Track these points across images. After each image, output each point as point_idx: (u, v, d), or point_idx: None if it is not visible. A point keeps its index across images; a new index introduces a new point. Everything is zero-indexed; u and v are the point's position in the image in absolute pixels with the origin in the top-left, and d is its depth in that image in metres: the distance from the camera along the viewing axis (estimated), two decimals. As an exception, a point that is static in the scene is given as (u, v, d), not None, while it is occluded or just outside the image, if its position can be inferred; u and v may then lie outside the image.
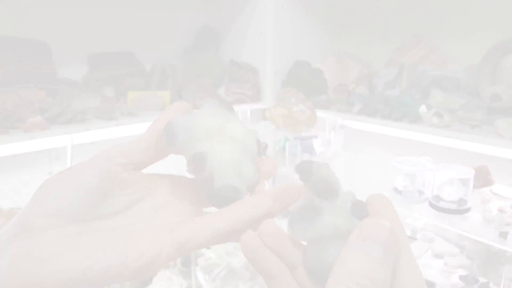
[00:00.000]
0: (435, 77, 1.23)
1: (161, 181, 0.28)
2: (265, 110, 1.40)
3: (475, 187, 1.03)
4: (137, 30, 1.40)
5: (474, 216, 0.98)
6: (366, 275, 0.18)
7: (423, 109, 1.14)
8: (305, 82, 1.41)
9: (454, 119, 1.10)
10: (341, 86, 1.44)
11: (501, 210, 0.99)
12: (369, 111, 1.24)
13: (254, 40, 1.46)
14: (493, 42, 1.15)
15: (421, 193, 1.07)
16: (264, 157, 0.28)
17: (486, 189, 1.08)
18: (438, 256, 1.15)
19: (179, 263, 1.28)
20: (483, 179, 1.07)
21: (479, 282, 1.05)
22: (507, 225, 0.93)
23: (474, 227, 0.96)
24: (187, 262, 1.27)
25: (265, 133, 1.36)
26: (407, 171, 1.06)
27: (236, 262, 1.22)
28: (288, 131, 1.32)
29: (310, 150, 1.29)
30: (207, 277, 1.21)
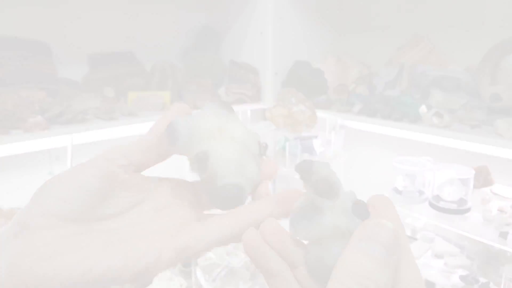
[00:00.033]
0: (435, 77, 1.23)
1: (161, 184, 0.28)
2: (265, 110, 1.40)
3: (475, 187, 1.03)
4: (137, 30, 1.40)
5: (474, 216, 0.98)
6: (367, 275, 0.18)
7: (423, 109, 1.14)
8: (305, 82, 1.41)
9: (454, 119, 1.10)
10: (341, 86, 1.44)
11: (501, 210, 0.99)
12: (369, 111, 1.24)
13: (254, 40, 1.46)
14: (493, 42, 1.15)
15: (421, 193, 1.07)
16: (265, 157, 0.28)
17: (486, 189, 1.08)
18: (438, 256, 1.15)
19: (180, 263, 1.28)
20: (483, 179, 1.07)
21: (479, 282, 1.05)
22: (507, 225, 0.93)
23: (474, 227, 0.96)
24: (187, 262, 1.27)
25: (265, 133, 1.36)
26: (407, 171, 1.06)
27: (236, 262, 1.22)
28: (288, 131, 1.32)
29: (310, 150, 1.29)
30: (207, 277, 1.21)
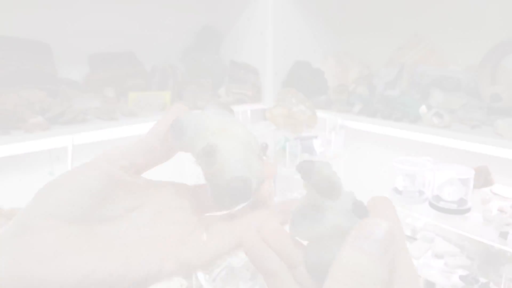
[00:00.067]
0: (435, 77, 1.23)
1: (161, 187, 0.28)
2: (265, 110, 1.40)
3: (475, 187, 1.02)
4: (138, 30, 1.40)
5: (474, 216, 0.98)
6: (364, 272, 0.18)
7: (423, 109, 1.14)
8: (305, 82, 1.41)
9: (454, 119, 1.10)
10: (341, 86, 1.44)
11: (501, 210, 0.99)
12: (369, 111, 1.24)
13: (254, 40, 1.46)
14: (493, 42, 1.15)
15: (421, 193, 1.07)
16: (264, 158, 0.29)
17: (486, 189, 1.08)
18: (438, 256, 1.15)
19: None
20: (483, 179, 1.07)
21: (480, 282, 1.05)
22: (507, 225, 0.93)
23: (474, 227, 0.96)
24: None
25: (265, 133, 1.36)
26: (407, 171, 1.06)
27: (236, 262, 1.22)
28: (288, 131, 1.32)
29: (310, 150, 1.29)
30: (207, 277, 1.21)
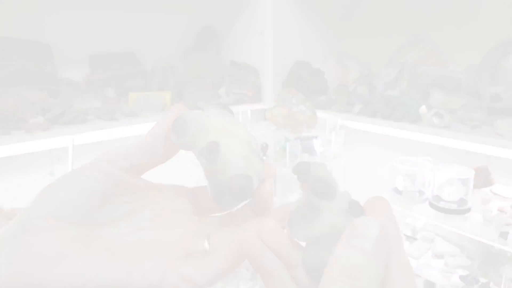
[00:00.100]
0: (435, 78, 1.23)
1: (162, 190, 0.28)
2: (265, 110, 1.40)
3: (475, 187, 1.03)
4: (138, 31, 1.40)
5: (474, 216, 0.98)
6: (359, 268, 0.19)
7: (423, 109, 1.14)
8: (305, 82, 1.41)
9: (454, 120, 1.10)
10: (342, 86, 1.44)
11: (501, 210, 0.99)
12: (370, 112, 1.24)
13: (254, 40, 1.46)
14: (493, 42, 1.15)
15: (421, 193, 1.07)
16: (264, 158, 0.29)
17: (486, 189, 1.08)
18: (438, 256, 1.15)
19: None
20: (483, 179, 1.07)
21: (480, 282, 1.05)
22: (508, 225, 0.93)
23: (474, 227, 0.96)
24: None
25: (265, 134, 1.36)
26: (407, 171, 1.06)
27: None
28: (288, 132, 1.32)
29: (310, 150, 1.29)
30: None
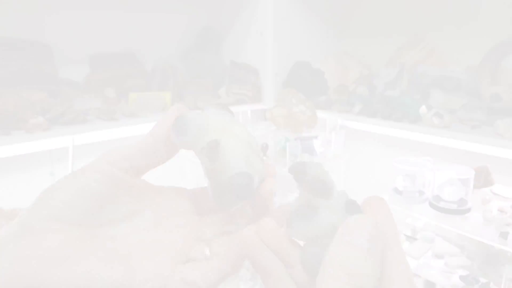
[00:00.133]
0: (435, 78, 1.23)
1: (162, 190, 0.28)
2: (265, 110, 1.41)
3: (475, 187, 1.03)
4: (138, 31, 1.40)
5: (474, 216, 0.98)
6: (354, 264, 0.19)
7: (423, 109, 1.14)
8: (305, 82, 1.41)
9: (454, 120, 1.10)
10: (342, 86, 1.44)
11: (501, 210, 0.99)
12: (370, 112, 1.24)
13: (254, 40, 1.46)
14: (493, 42, 1.15)
15: (421, 193, 1.07)
16: (264, 158, 0.29)
17: (486, 189, 1.08)
18: (438, 256, 1.15)
19: None
20: (483, 179, 1.07)
21: (480, 282, 1.05)
22: (508, 225, 0.93)
23: (474, 227, 0.96)
24: None
25: (265, 134, 1.36)
26: (407, 171, 1.07)
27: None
28: (288, 132, 1.32)
29: (310, 150, 1.29)
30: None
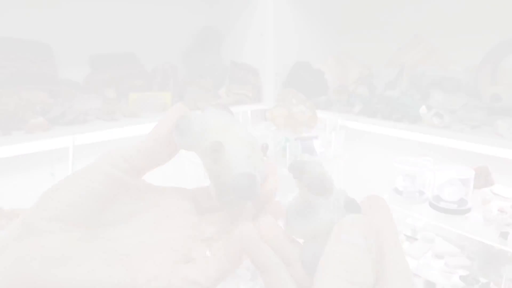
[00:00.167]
0: (435, 78, 1.23)
1: (163, 191, 0.28)
2: (265, 110, 1.41)
3: (475, 187, 1.03)
4: (139, 31, 1.40)
5: (474, 216, 0.98)
6: (351, 261, 0.20)
7: (423, 109, 1.14)
8: (305, 82, 1.41)
9: (454, 120, 1.10)
10: (342, 86, 1.44)
11: (501, 210, 0.99)
12: (370, 112, 1.24)
13: (254, 41, 1.46)
14: (493, 42, 1.15)
15: (421, 193, 1.07)
16: (265, 158, 0.29)
17: (486, 190, 1.08)
18: (438, 256, 1.15)
19: None
20: (483, 179, 1.07)
21: (480, 282, 1.05)
22: (508, 225, 0.93)
23: (474, 227, 0.96)
24: None
25: (265, 134, 1.36)
26: (407, 171, 1.07)
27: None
28: (288, 132, 1.32)
29: (310, 150, 1.29)
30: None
